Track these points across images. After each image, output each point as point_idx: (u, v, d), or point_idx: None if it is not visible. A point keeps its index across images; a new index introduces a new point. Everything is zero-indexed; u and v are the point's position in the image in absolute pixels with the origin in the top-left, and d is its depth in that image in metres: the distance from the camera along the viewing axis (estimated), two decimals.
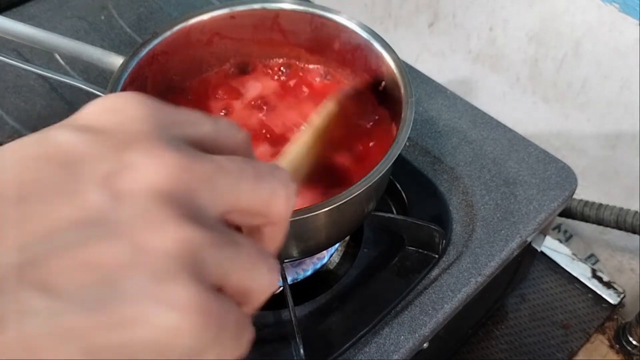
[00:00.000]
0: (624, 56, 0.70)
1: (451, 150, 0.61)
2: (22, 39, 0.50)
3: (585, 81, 0.76)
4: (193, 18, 0.51)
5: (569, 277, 0.76)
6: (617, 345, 0.72)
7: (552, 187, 0.58)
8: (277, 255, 0.23)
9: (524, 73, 0.83)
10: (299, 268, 0.53)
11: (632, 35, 0.68)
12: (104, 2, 0.79)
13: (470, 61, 0.90)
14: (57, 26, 0.75)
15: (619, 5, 0.67)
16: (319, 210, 0.38)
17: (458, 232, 0.55)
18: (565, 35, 0.75)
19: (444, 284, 0.51)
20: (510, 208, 0.56)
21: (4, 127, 0.64)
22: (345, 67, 0.54)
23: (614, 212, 0.70)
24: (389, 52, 0.48)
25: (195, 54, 0.53)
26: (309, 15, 0.52)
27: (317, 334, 0.49)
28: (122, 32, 0.75)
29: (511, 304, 0.74)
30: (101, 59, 0.49)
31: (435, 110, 0.65)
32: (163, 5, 0.80)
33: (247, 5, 0.52)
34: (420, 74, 0.69)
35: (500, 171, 0.59)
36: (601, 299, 0.74)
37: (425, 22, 0.94)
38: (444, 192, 0.58)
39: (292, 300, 0.48)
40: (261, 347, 0.48)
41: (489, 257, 0.53)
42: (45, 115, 0.65)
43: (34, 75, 0.69)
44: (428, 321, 0.49)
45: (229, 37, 0.53)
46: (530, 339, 0.71)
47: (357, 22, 0.51)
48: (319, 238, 0.45)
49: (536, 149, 0.61)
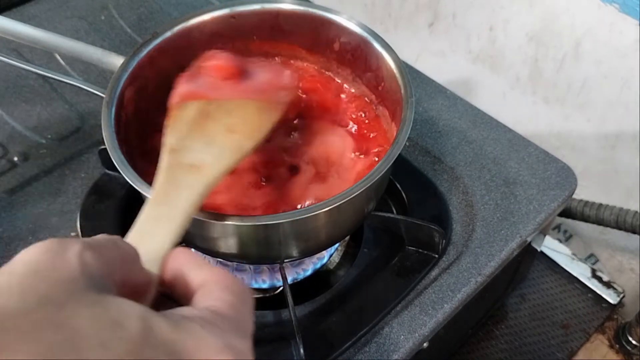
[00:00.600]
0: (624, 56, 0.70)
1: (451, 150, 0.61)
2: (22, 39, 0.50)
3: (585, 81, 0.76)
4: (193, 18, 0.51)
5: (569, 277, 0.76)
6: (617, 345, 0.72)
7: (552, 187, 0.58)
8: (275, 257, 0.25)
9: (524, 73, 0.83)
10: (299, 268, 0.53)
11: (632, 35, 0.68)
12: (104, 2, 0.79)
13: (470, 61, 0.90)
14: (57, 26, 0.75)
15: (619, 6, 0.67)
16: (319, 210, 0.38)
17: (458, 232, 0.55)
18: (565, 35, 0.75)
19: (444, 283, 0.51)
20: (510, 208, 0.56)
21: (4, 127, 0.64)
22: (345, 67, 0.54)
23: (613, 212, 0.70)
24: (389, 52, 0.48)
25: (195, 54, 0.53)
26: (309, 15, 0.52)
27: (317, 334, 0.49)
28: (122, 32, 0.75)
29: (511, 304, 0.74)
30: (101, 59, 0.49)
31: (435, 110, 0.65)
32: (163, 6, 0.80)
33: (247, 5, 0.52)
34: (420, 74, 0.69)
35: (500, 171, 0.59)
36: (601, 298, 0.74)
37: (425, 22, 0.94)
38: (444, 192, 0.58)
39: (292, 300, 0.48)
40: (261, 347, 0.49)
41: (489, 257, 0.53)
42: (45, 115, 0.66)
43: (34, 75, 0.69)
44: (428, 321, 0.49)
45: (229, 37, 0.53)
46: (530, 338, 0.71)
47: (357, 22, 0.51)
48: (319, 238, 0.45)
49: (536, 149, 0.61)
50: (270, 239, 0.42)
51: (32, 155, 0.61)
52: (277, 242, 0.43)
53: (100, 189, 0.58)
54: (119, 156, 0.40)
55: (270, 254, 0.45)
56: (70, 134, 0.64)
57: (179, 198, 0.33)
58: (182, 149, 0.37)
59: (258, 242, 0.43)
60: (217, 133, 0.39)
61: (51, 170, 0.60)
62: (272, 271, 0.53)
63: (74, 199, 0.57)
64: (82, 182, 0.59)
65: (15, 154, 0.61)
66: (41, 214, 0.56)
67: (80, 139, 0.63)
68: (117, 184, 0.57)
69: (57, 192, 0.58)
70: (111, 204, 0.56)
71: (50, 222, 0.56)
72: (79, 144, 0.63)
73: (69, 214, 0.56)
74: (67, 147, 0.62)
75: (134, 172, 0.39)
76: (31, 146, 0.62)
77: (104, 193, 0.57)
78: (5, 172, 0.60)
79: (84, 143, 0.63)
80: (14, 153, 0.62)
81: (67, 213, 0.56)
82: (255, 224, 0.39)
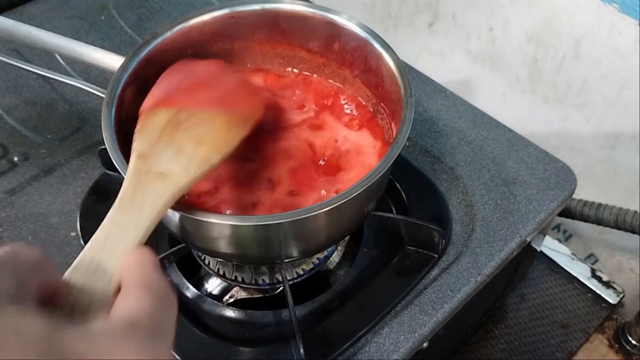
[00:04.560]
0: (624, 56, 0.70)
1: (451, 150, 0.61)
2: (22, 39, 0.50)
3: (584, 81, 0.76)
4: (193, 18, 0.51)
5: (569, 277, 0.76)
6: (617, 344, 0.72)
7: (552, 187, 0.58)
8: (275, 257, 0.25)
9: (524, 73, 0.84)
10: (299, 268, 0.53)
11: (632, 36, 0.68)
12: (104, 2, 0.79)
13: (470, 61, 0.91)
14: (57, 26, 0.75)
15: (619, 6, 0.68)
16: (319, 210, 0.38)
17: (458, 232, 0.55)
18: (565, 35, 0.75)
19: (444, 283, 0.51)
20: (510, 208, 0.56)
21: (4, 127, 0.64)
22: (345, 67, 0.54)
23: (613, 212, 0.70)
24: (388, 52, 0.48)
25: (196, 54, 0.53)
26: (309, 16, 0.52)
27: (317, 334, 0.49)
28: (122, 32, 0.76)
29: (511, 304, 0.74)
30: (101, 59, 0.49)
31: (435, 110, 0.65)
32: (163, 6, 0.80)
33: (247, 5, 0.52)
34: (420, 74, 0.70)
35: (500, 171, 0.59)
36: (600, 298, 0.74)
37: (425, 22, 0.94)
38: (444, 192, 0.58)
39: (292, 300, 0.48)
40: (261, 347, 0.49)
41: (489, 256, 0.53)
42: (45, 115, 0.66)
43: (34, 75, 0.69)
44: (428, 321, 0.49)
45: (229, 37, 0.53)
46: (529, 338, 0.71)
47: (357, 22, 0.51)
48: (319, 238, 0.45)
49: (536, 149, 0.61)
50: (270, 239, 0.42)
51: (32, 155, 0.61)
52: (277, 242, 0.43)
53: (100, 189, 0.58)
54: (119, 156, 0.40)
55: (270, 254, 0.45)
56: (70, 134, 0.64)
57: (144, 204, 0.34)
58: (152, 155, 0.38)
59: (258, 242, 0.43)
60: (186, 142, 0.39)
61: (51, 170, 0.60)
62: (272, 271, 0.53)
63: (74, 199, 0.57)
64: (82, 182, 0.59)
65: (15, 154, 0.61)
66: (41, 214, 0.56)
67: (80, 139, 0.63)
68: (117, 184, 0.57)
69: (57, 192, 0.58)
70: (111, 204, 0.56)
71: (50, 222, 0.56)
72: (79, 144, 0.63)
73: (69, 214, 0.56)
74: (67, 147, 0.62)
75: None
76: (31, 146, 0.62)
77: (104, 193, 0.57)
78: (5, 172, 0.60)
79: (84, 143, 0.63)
80: (14, 153, 0.62)
81: (67, 213, 0.56)
82: (255, 224, 0.39)
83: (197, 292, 0.52)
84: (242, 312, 0.51)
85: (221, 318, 0.51)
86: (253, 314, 0.51)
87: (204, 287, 0.54)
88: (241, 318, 0.50)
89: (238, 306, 0.51)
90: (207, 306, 0.51)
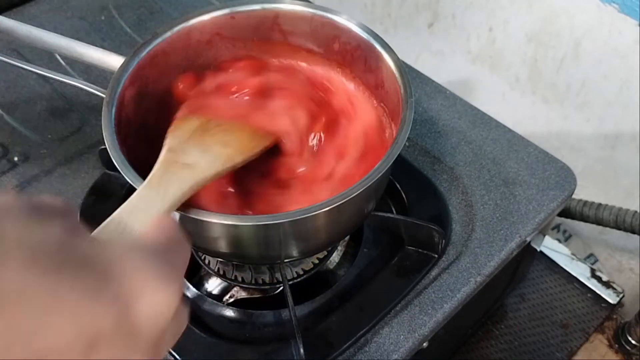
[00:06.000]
0: (624, 56, 0.70)
1: (451, 150, 0.61)
2: (22, 39, 0.50)
3: (584, 81, 0.76)
4: (193, 18, 0.51)
5: (568, 277, 0.76)
6: (616, 344, 0.72)
7: (552, 187, 0.58)
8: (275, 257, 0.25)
9: (524, 73, 0.84)
10: (299, 268, 0.53)
11: (632, 36, 0.68)
12: (104, 2, 0.79)
13: (470, 61, 0.91)
14: (57, 26, 0.75)
15: (619, 6, 0.68)
16: (319, 210, 0.39)
17: (457, 232, 0.55)
18: (565, 35, 0.75)
19: (444, 283, 0.51)
20: (510, 208, 0.56)
21: (4, 127, 0.64)
22: (345, 67, 0.54)
23: (613, 212, 0.71)
24: (388, 52, 0.48)
25: (196, 54, 0.53)
26: (309, 16, 0.52)
27: (317, 333, 0.49)
28: (122, 32, 0.76)
29: (510, 304, 0.74)
30: (101, 59, 0.49)
31: (434, 110, 0.65)
32: (163, 6, 0.80)
33: (247, 6, 0.52)
34: (420, 74, 0.70)
35: (500, 171, 0.59)
36: (600, 298, 0.74)
37: (425, 22, 0.94)
38: (444, 192, 0.58)
39: (292, 300, 0.48)
40: (261, 347, 0.49)
41: (489, 256, 0.53)
42: (45, 115, 0.66)
43: (34, 75, 0.69)
44: (428, 321, 0.49)
45: (229, 37, 0.53)
46: (529, 338, 0.71)
47: (357, 22, 0.51)
48: (319, 238, 0.45)
49: (535, 149, 0.61)
50: (270, 239, 0.42)
51: (32, 155, 0.61)
52: (277, 242, 0.43)
53: (101, 189, 0.58)
54: (119, 156, 0.40)
55: (270, 254, 0.45)
56: (70, 134, 0.64)
57: (170, 185, 0.37)
58: (180, 151, 0.41)
59: (258, 242, 0.43)
60: (213, 144, 0.43)
61: (51, 170, 0.60)
62: (272, 271, 0.53)
63: (74, 199, 0.57)
64: (82, 182, 0.59)
65: (15, 154, 0.61)
66: None
67: (80, 139, 0.63)
68: (117, 184, 0.57)
69: (57, 192, 0.58)
70: (111, 204, 0.56)
71: None
72: (79, 144, 0.63)
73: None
74: (67, 147, 0.62)
75: (134, 172, 0.39)
76: (31, 146, 0.62)
77: (104, 193, 0.57)
78: (5, 172, 0.60)
79: (84, 143, 0.63)
80: (14, 153, 0.62)
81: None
82: (255, 224, 0.39)
83: (197, 292, 0.52)
84: (242, 312, 0.51)
85: (221, 318, 0.51)
86: (253, 313, 0.51)
87: (204, 287, 0.54)
88: (241, 318, 0.51)
89: (238, 306, 0.51)
90: (207, 306, 0.51)
